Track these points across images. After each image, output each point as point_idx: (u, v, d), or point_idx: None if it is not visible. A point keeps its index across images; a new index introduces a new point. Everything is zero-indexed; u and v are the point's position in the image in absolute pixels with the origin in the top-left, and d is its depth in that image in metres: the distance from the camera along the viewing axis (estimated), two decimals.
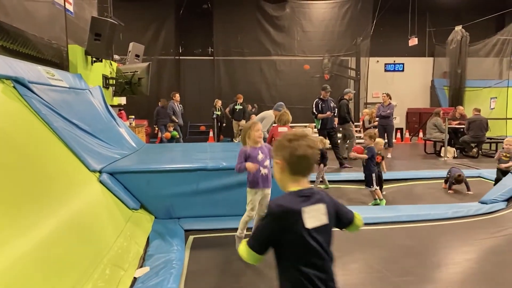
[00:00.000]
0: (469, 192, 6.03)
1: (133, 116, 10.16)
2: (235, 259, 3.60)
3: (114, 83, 7.62)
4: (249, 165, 3.42)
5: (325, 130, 8.46)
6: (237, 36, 15.19)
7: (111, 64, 7.71)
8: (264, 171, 3.54)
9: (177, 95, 11.47)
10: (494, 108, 13.73)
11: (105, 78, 7.33)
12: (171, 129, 11.27)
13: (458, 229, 4.39)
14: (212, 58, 15.38)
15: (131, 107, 10.79)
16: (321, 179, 6.55)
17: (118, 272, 2.98)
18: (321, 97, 8.57)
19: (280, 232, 1.47)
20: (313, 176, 6.70)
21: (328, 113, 8.36)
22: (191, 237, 4.11)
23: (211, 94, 14.70)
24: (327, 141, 7.31)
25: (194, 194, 4.42)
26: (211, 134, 13.54)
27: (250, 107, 13.22)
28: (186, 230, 4.20)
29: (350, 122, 9.72)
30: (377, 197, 5.48)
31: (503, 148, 5.99)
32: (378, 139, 5.84)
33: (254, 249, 1.52)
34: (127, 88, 7.70)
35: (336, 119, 8.84)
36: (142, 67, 7.74)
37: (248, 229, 3.83)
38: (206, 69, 15.25)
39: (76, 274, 2.56)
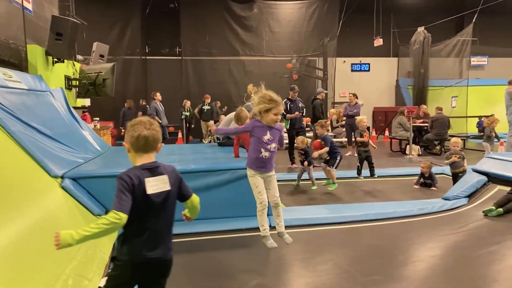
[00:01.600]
0: (434, 188, 6.24)
1: (97, 118, 9.86)
2: (204, 266, 3.54)
3: (77, 84, 7.36)
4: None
5: (294, 130, 8.52)
6: (205, 36, 15.07)
7: (73, 65, 7.45)
8: (265, 153, 3.19)
9: (158, 94, 11.18)
10: (455, 106, 14.28)
11: (68, 79, 7.08)
12: None
13: (423, 226, 4.51)
14: (180, 58, 15.19)
15: (96, 108, 10.47)
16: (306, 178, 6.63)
17: (82, 282, 2.86)
18: (290, 97, 8.62)
19: (132, 194, 1.85)
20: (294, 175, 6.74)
21: (297, 113, 8.42)
22: None
23: (179, 94, 14.50)
24: (308, 140, 7.25)
25: None
26: (180, 135, 13.35)
27: (219, 103, 13.12)
28: None
29: None
30: (331, 178, 5.84)
31: (450, 149, 6.18)
32: (360, 118, 6.28)
33: (123, 210, 1.81)
34: (91, 89, 7.46)
35: (305, 119, 8.94)
36: (107, 68, 7.52)
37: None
38: (174, 69, 15.04)
39: None
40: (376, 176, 7.16)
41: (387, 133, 13.54)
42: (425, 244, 4.01)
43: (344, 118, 10.85)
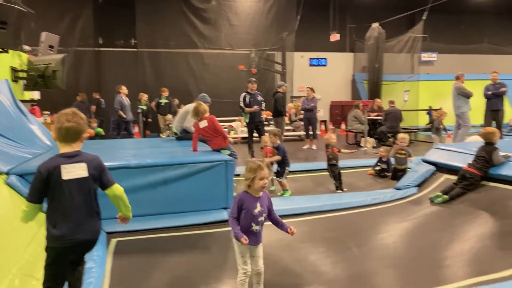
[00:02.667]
0: (388, 174, 6.50)
1: (48, 112, 9.40)
2: (161, 262, 3.48)
3: (24, 76, 6.95)
4: (243, 240, 2.68)
5: (253, 124, 8.53)
6: (162, 28, 14.72)
7: (20, 56, 7.03)
8: (256, 227, 2.81)
9: (124, 87, 10.70)
10: (407, 100, 14.86)
11: (14, 70, 6.66)
12: (95, 125, 10.63)
13: (376, 215, 4.68)
14: (135, 50, 14.75)
15: (46, 102, 9.97)
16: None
17: (30, 282, 2.74)
18: (248, 90, 8.62)
19: (45, 183, 2.10)
20: None
21: (255, 107, 8.43)
22: (113, 240, 3.90)
23: (135, 87, 14.05)
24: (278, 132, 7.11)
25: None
26: (136, 129, 13.00)
27: (176, 101, 12.89)
28: (108, 233, 3.97)
29: (284, 116, 9.99)
30: (283, 187, 5.72)
31: (396, 144, 6.37)
32: (328, 135, 6.22)
33: (34, 201, 2.13)
34: (40, 81, 7.07)
35: (265, 113, 8.98)
36: (57, 59, 7.15)
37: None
38: (129, 61, 14.58)
39: None
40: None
41: (343, 126, 13.89)
42: (378, 233, 4.16)
43: (302, 112, 11.01)
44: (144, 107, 12.49)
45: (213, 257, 3.62)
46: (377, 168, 6.88)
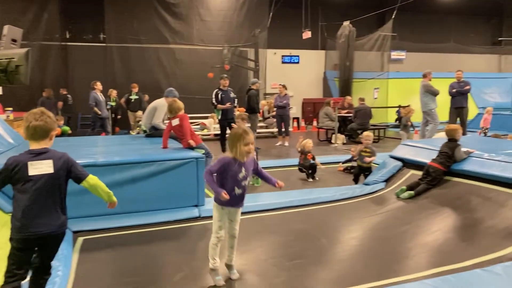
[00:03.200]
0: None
1: (11, 109, 9.03)
2: (130, 260, 3.43)
3: None
4: (223, 194, 2.74)
5: (226, 121, 8.50)
6: (132, 22, 14.39)
7: None
8: (238, 191, 2.85)
9: (99, 83, 10.37)
10: (377, 97, 15.18)
11: None
12: (61, 122, 10.31)
13: (345, 210, 4.77)
14: (104, 45, 14.37)
15: (9, 98, 9.61)
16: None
17: None
18: (221, 87, 8.58)
19: (9, 176, 2.22)
20: None
21: (228, 104, 8.39)
22: (80, 239, 3.82)
23: (104, 83, 13.64)
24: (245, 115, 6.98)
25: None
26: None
27: (147, 97, 12.66)
28: (74, 232, 3.87)
29: (257, 113, 9.99)
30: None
31: (353, 139, 6.43)
32: (306, 141, 6.22)
33: None
34: (2, 76, 6.78)
35: (239, 109, 8.97)
36: (20, 53, 6.86)
37: None
38: (98, 56, 14.19)
39: None
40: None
41: (315, 123, 14.04)
42: (346, 227, 4.24)
43: (275, 109, 11.06)
44: (113, 103, 12.21)
45: (183, 253, 3.59)
46: (348, 164, 7.00)
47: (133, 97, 12.31)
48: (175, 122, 5.15)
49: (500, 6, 18.91)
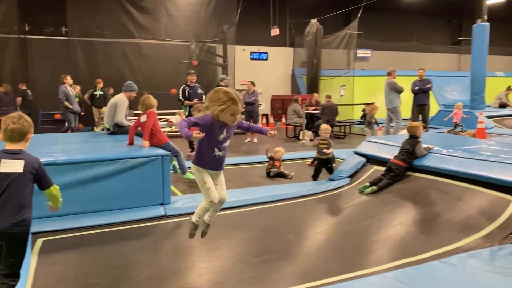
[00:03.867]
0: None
1: None
2: (92, 262, 3.34)
3: None
4: (195, 134, 2.56)
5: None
6: (96, 16, 13.95)
7: None
8: (219, 153, 2.73)
9: (69, 77, 9.93)
10: (343, 95, 15.46)
11: None
12: None
13: (311, 205, 4.84)
14: (66, 38, 13.86)
15: None
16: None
17: None
18: (188, 83, 8.48)
19: None
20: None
21: (195, 100, 8.30)
22: (39, 241, 3.68)
23: None
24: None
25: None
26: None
27: (112, 90, 12.31)
28: (33, 233, 3.71)
29: None
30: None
31: (319, 135, 6.43)
32: (278, 149, 6.13)
33: None
34: None
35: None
36: None
37: None
38: (59, 50, 13.67)
39: None
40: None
41: (284, 120, 14.14)
42: (312, 222, 4.31)
43: (244, 105, 11.04)
44: (76, 99, 11.81)
45: (148, 252, 3.54)
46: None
47: (98, 92, 11.96)
48: (143, 118, 5.07)
49: (460, 8, 19.67)
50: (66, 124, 9.94)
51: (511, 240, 3.36)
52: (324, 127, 5.84)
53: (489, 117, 11.86)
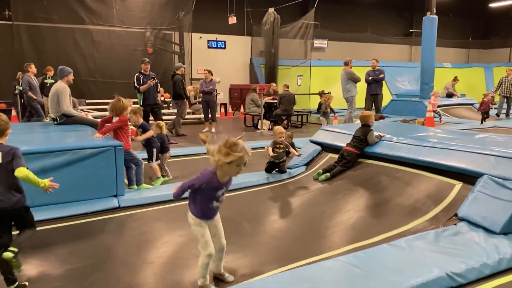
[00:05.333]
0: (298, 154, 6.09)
1: None
2: (42, 259, 3.18)
3: None
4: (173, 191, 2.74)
5: (148, 106, 8.20)
6: (42, 0, 13.19)
7: None
8: (216, 204, 2.73)
9: (33, 65, 9.31)
10: (300, 84, 15.65)
11: None
12: None
13: (267, 194, 4.89)
14: (10, 23, 13.01)
15: None
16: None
17: None
18: (142, 71, 8.24)
19: None
20: None
21: (150, 81, 8.07)
22: None
23: (11, 65, 12.47)
24: (163, 124, 6.06)
25: None
26: (13, 113, 11.57)
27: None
28: None
29: (185, 99, 9.74)
30: (157, 173, 5.25)
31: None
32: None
33: None
34: None
35: (164, 95, 8.69)
36: None
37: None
38: (3, 36, 12.83)
39: None
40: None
41: (242, 109, 14.12)
42: (268, 210, 4.36)
43: (201, 94, 10.90)
44: (22, 88, 11.15)
45: (101, 248, 3.43)
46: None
47: (49, 81, 11.30)
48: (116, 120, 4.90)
49: (411, 1, 20.42)
50: (34, 116, 9.44)
51: (454, 221, 3.56)
52: (278, 131, 5.41)
53: (437, 106, 12.46)
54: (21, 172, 2.69)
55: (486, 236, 3.23)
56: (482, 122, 10.52)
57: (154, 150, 5.23)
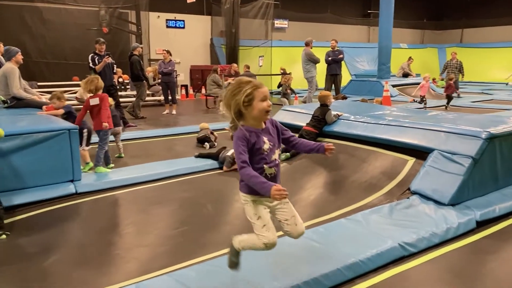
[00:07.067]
0: None
1: None
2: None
3: None
4: (273, 192, 1.85)
5: (104, 88, 7.88)
6: None
7: None
8: (270, 170, 2.05)
9: (1, 44, 8.50)
10: (262, 65, 15.61)
11: None
12: None
13: (230, 175, 4.90)
14: None
15: None
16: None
17: None
18: (96, 51, 7.91)
19: None
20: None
21: (105, 58, 7.77)
22: None
23: None
24: (63, 95, 5.42)
25: None
26: None
27: None
28: None
29: (144, 81, 9.45)
30: (85, 159, 4.79)
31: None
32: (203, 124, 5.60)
33: None
34: None
35: (123, 76, 8.40)
36: None
37: None
38: None
39: None
40: None
41: (204, 90, 13.94)
42: (231, 191, 4.37)
43: (160, 76, 10.65)
44: None
45: (55, 231, 3.34)
46: None
47: None
48: (94, 101, 4.71)
49: None
50: None
51: (407, 195, 3.75)
52: (201, 126, 5.61)
53: (394, 85, 12.88)
54: None
55: (436, 208, 3.43)
56: (447, 106, 10.28)
57: (85, 131, 4.78)
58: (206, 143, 6.21)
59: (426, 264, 2.75)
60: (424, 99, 9.98)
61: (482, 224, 3.29)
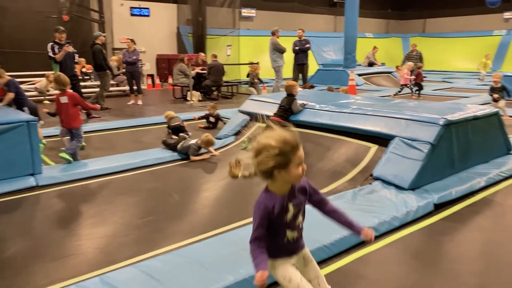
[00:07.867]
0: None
1: None
2: None
3: None
4: (258, 276, 1.60)
5: None
6: None
7: None
8: (292, 235, 1.79)
9: None
10: (230, 55, 15.50)
11: None
12: None
13: (198, 166, 4.87)
14: None
15: None
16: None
17: None
18: (56, 40, 7.61)
19: None
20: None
21: (65, 47, 7.48)
22: None
23: None
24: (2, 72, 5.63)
25: None
26: None
27: None
28: None
29: (107, 71, 9.17)
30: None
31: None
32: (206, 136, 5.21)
33: None
34: None
35: (86, 66, 8.13)
36: None
37: None
38: None
39: None
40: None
41: (170, 80, 13.71)
42: (198, 180, 4.38)
43: (125, 65, 10.38)
44: None
45: (18, 225, 3.23)
46: (207, 124, 7.02)
47: None
48: (64, 99, 4.64)
49: None
50: None
51: (370, 181, 3.87)
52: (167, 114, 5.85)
53: (359, 74, 13.12)
54: None
55: (396, 192, 3.55)
56: (419, 94, 10.53)
57: (25, 109, 4.78)
58: (181, 134, 6.02)
59: (386, 247, 2.86)
60: (410, 86, 10.59)
61: (439, 207, 3.45)
